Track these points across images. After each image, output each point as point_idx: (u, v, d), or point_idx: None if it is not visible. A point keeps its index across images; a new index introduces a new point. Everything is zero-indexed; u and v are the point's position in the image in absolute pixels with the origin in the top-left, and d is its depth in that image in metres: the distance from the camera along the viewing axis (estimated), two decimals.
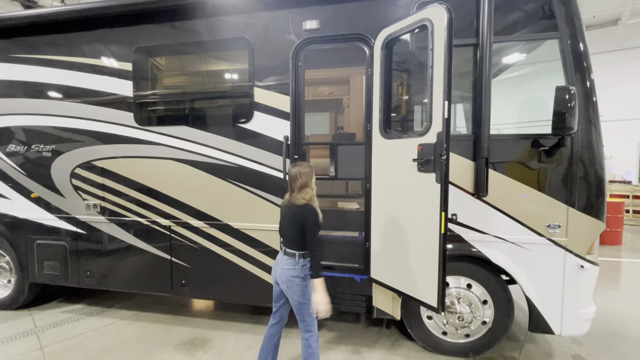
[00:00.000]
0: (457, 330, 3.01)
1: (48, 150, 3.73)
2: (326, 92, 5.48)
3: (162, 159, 3.44)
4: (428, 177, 2.45)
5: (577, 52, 2.61)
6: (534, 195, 2.72)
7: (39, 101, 3.73)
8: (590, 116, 2.61)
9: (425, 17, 2.44)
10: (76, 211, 3.73)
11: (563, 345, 3.28)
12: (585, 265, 2.67)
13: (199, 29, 3.31)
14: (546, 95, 2.65)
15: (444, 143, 2.31)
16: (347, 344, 3.31)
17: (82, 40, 3.58)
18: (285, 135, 3.11)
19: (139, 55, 3.47)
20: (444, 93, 2.30)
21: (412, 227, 2.62)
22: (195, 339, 3.43)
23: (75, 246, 3.78)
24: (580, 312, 2.74)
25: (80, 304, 4.30)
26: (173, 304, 4.25)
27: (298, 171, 2.37)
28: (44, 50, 3.68)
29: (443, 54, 2.30)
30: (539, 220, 2.72)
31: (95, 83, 3.57)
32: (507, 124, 3.23)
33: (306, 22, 3.06)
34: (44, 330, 3.65)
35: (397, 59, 2.84)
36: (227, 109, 3.44)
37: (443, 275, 2.40)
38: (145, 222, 3.55)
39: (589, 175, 2.63)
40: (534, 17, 2.70)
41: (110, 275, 3.73)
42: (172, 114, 3.51)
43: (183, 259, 3.50)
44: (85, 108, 3.61)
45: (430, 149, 2.42)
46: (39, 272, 3.89)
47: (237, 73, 3.48)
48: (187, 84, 3.63)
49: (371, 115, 2.94)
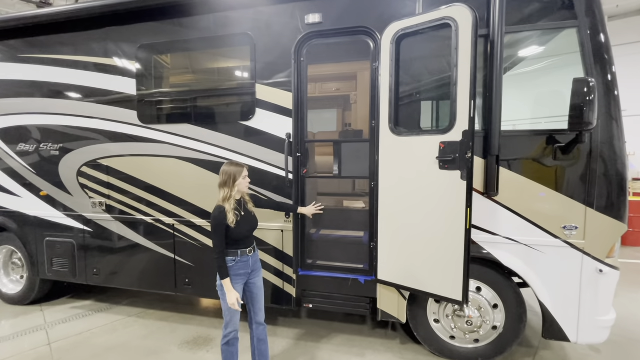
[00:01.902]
0: (466, 335, 2.89)
1: (56, 149, 3.78)
2: (333, 89, 5.37)
3: (165, 157, 3.42)
4: (452, 175, 2.43)
5: (598, 42, 2.43)
6: (548, 194, 2.56)
7: (45, 100, 3.77)
8: (611, 110, 2.43)
9: (448, 15, 2.39)
10: (83, 209, 3.77)
11: (580, 352, 3.12)
12: (605, 270, 2.51)
13: (201, 26, 3.27)
14: (563, 90, 2.49)
15: (470, 141, 2.33)
16: (351, 346, 3.24)
17: (86, 39, 3.60)
18: (287, 133, 3.04)
19: (142, 53, 3.46)
20: (470, 92, 2.30)
21: (431, 225, 2.58)
22: (199, 337, 3.42)
23: (82, 244, 3.82)
24: (599, 319, 2.58)
25: (90, 300, 4.37)
26: (179, 302, 4.27)
27: (222, 169, 2.42)
28: (49, 50, 3.71)
29: (470, 54, 2.29)
30: (555, 222, 2.57)
31: (100, 81, 3.58)
32: (519, 120, 3.07)
33: (308, 15, 2.97)
34: (53, 325, 3.71)
35: (409, 54, 2.73)
36: (229, 107, 3.39)
37: (467, 268, 2.42)
38: (149, 220, 3.56)
39: (609, 174, 2.46)
40: (551, 5, 2.54)
41: (116, 273, 3.76)
42: (175, 112, 3.49)
43: (187, 258, 3.49)
44: (90, 106, 3.63)
45: (454, 147, 2.41)
46: (48, 269, 3.96)
47: (239, 69, 3.42)
48: (189, 81, 3.60)
49: (376, 112, 2.83)
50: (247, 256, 2.44)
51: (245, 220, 2.44)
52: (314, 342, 3.32)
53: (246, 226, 2.43)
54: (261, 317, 2.55)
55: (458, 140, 2.39)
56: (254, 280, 2.51)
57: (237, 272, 2.40)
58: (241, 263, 2.41)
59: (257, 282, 2.53)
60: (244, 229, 2.41)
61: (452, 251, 2.47)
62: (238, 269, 2.40)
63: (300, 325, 3.65)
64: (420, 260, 2.66)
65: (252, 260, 2.48)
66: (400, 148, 2.70)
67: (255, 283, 2.51)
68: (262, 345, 2.56)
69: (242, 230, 2.39)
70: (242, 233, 2.40)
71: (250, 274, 2.47)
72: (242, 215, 2.43)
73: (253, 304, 2.54)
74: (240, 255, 2.41)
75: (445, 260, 2.53)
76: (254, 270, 2.50)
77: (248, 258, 2.44)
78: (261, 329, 2.55)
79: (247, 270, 2.44)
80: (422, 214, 2.62)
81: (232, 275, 2.36)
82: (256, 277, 2.52)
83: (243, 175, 2.41)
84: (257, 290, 2.53)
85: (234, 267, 2.39)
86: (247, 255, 2.44)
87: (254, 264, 2.50)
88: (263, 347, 2.56)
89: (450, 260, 2.50)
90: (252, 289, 2.51)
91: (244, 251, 2.42)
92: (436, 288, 2.61)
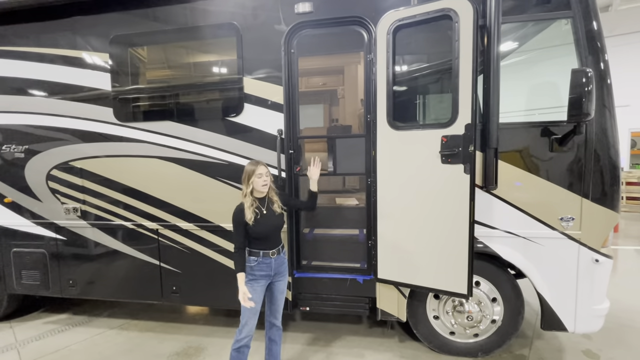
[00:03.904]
0: (466, 330, 2.87)
1: (20, 151, 3.44)
2: (320, 83, 5.25)
3: (145, 158, 3.18)
4: (455, 169, 2.40)
5: (591, 32, 2.43)
6: (546, 186, 2.56)
7: (6, 97, 3.42)
8: (605, 100, 2.45)
9: (448, 7, 2.34)
10: (55, 216, 3.46)
11: (573, 340, 3.18)
12: (600, 259, 2.54)
13: (181, 14, 3.04)
14: (556, 80, 2.48)
15: (473, 134, 2.30)
16: (350, 347, 3.15)
17: (52, 29, 3.27)
18: (279, 129, 2.89)
19: (115, 45, 3.18)
20: (472, 84, 2.27)
21: (433, 219, 2.54)
22: (189, 348, 3.23)
23: (55, 253, 3.51)
24: (595, 308, 2.61)
25: (66, 313, 4.05)
26: (164, 310, 4.03)
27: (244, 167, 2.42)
28: (10, 41, 3.36)
29: (471, 45, 2.26)
30: (552, 214, 2.57)
31: (69, 76, 3.27)
32: (515, 112, 3.06)
33: (298, 4, 2.81)
34: (25, 344, 3.40)
35: (407, 46, 2.65)
36: (214, 102, 3.19)
37: (472, 261, 2.40)
38: (130, 225, 3.31)
39: (604, 164, 2.47)
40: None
41: (95, 283, 3.49)
42: (155, 108, 3.25)
43: (173, 264, 3.28)
44: (59, 104, 3.31)
45: (457, 140, 2.37)
46: (17, 282, 3.62)
47: (225, 62, 3.22)
48: (170, 75, 3.35)
49: (371, 105, 2.73)
50: (269, 258, 2.39)
51: (266, 219, 2.38)
52: (312, 345, 3.20)
53: (266, 226, 2.37)
54: (276, 318, 2.53)
55: (461, 134, 2.35)
56: (277, 283, 2.48)
57: (258, 273, 2.37)
58: (263, 264, 2.37)
59: (280, 286, 2.49)
60: (264, 228, 2.36)
61: (456, 245, 2.45)
62: (259, 270, 2.37)
63: (295, 328, 3.53)
64: (422, 256, 2.61)
65: (276, 264, 2.42)
66: (399, 142, 2.61)
67: (278, 287, 2.48)
68: (273, 345, 2.56)
69: (262, 229, 2.35)
70: (262, 232, 2.35)
71: (273, 276, 2.43)
72: (263, 214, 2.37)
73: (271, 304, 2.52)
74: (263, 256, 2.37)
75: (448, 255, 2.50)
76: (277, 273, 2.45)
77: (271, 260, 2.39)
78: (274, 329, 2.54)
79: (270, 272, 2.40)
80: (423, 209, 2.57)
81: (253, 275, 2.36)
82: (280, 281, 2.48)
83: (258, 174, 2.33)
84: (279, 294, 2.50)
85: (255, 268, 2.37)
86: (270, 257, 2.39)
87: (278, 267, 2.44)
88: (274, 347, 2.56)
89: (453, 255, 2.47)
90: (273, 291, 2.49)
91: (266, 252, 2.38)
92: (439, 283, 2.58)
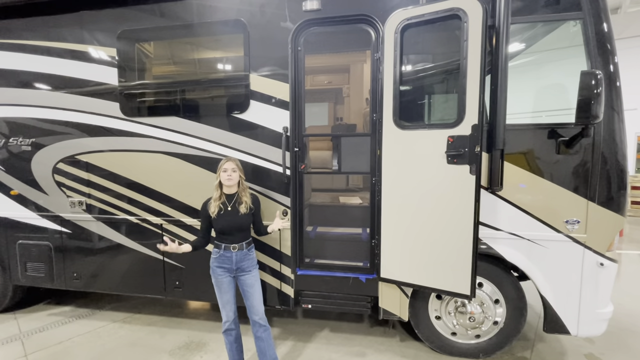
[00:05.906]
0: (468, 331, 2.86)
1: (27, 144, 3.46)
2: (325, 81, 5.24)
3: (151, 153, 3.19)
4: (460, 170, 2.39)
5: (602, 33, 2.41)
6: (551, 189, 2.54)
7: (15, 90, 3.44)
8: (614, 103, 2.43)
9: (457, 6, 2.33)
10: (60, 209, 3.48)
11: (575, 343, 3.16)
12: (605, 263, 2.52)
13: (189, 10, 3.04)
14: (565, 82, 2.45)
15: (480, 135, 2.30)
16: (351, 345, 3.16)
17: (61, 24, 3.29)
18: (284, 126, 2.89)
19: (123, 40, 3.19)
20: (480, 85, 2.27)
21: (437, 219, 2.53)
22: (191, 342, 3.25)
23: (60, 246, 3.54)
24: (598, 312, 2.60)
25: (69, 305, 4.09)
26: (167, 305, 4.06)
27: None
28: (19, 35, 3.38)
29: (480, 46, 2.25)
30: (557, 216, 2.56)
31: (77, 71, 3.28)
32: (522, 113, 3.04)
33: (306, 2, 2.81)
34: (29, 335, 3.43)
35: (414, 45, 2.64)
36: (220, 99, 3.19)
37: (475, 262, 2.41)
38: (134, 219, 3.33)
39: (611, 167, 2.46)
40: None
41: (99, 276, 3.51)
42: (161, 104, 3.25)
43: (177, 259, 3.29)
44: (66, 98, 3.33)
45: (463, 141, 2.36)
46: (22, 274, 3.65)
47: (231, 59, 3.22)
48: (176, 71, 3.36)
49: (377, 104, 2.72)
50: (230, 252, 2.48)
51: (228, 216, 2.48)
52: (313, 343, 3.21)
53: (227, 222, 2.47)
54: (255, 314, 2.54)
55: (467, 135, 2.34)
56: (243, 277, 2.54)
57: (220, 265, 2.50)
58: (224, 257, 2.49)
59: (247, 280, 2.54)
60: (224, 224, 2.47)
61: (459, 246, 2.44)
62: (221, 262, 2.49)
63: (296, 325, 3.54)
64: (425, 256, 2.61)
65: (237, 258, 2.49)
66: (405, 142, 2.60)
67: (244, 280, 2.54)
68: (259, 342, 2.57)
69: (222, 225, 2.47)
70: (223, 228, 2.47)
71: (235, 270, 2.51)
72: (227, 210, 2.48)
73: (246, 300, 2.57)
74: (224, 249, 2.48)
75: (452, 255, 2.50)
76: (239, 268, 2.52)
77: (232, 254, 2.48)
78: (257, 326, 2.54)
79: (231, 265, 2.50)
80: (428, 209, 2.56)
81: (216, 266, 2.50)
82: (244, 275, 2.54)
83: (223, 168, 2.47)
84: (248, 288, 2.54)
85: (217, 259, 2.51)
86: (231, 251, 2.48)
87: (239, 262, 2.51)
88: (260, 344, 2.56)
89: (457, 255, 2.46)
90: (242, 286, 2.56)
91: (227, 246, 2.48)
92: (442, 283, 2.58)
